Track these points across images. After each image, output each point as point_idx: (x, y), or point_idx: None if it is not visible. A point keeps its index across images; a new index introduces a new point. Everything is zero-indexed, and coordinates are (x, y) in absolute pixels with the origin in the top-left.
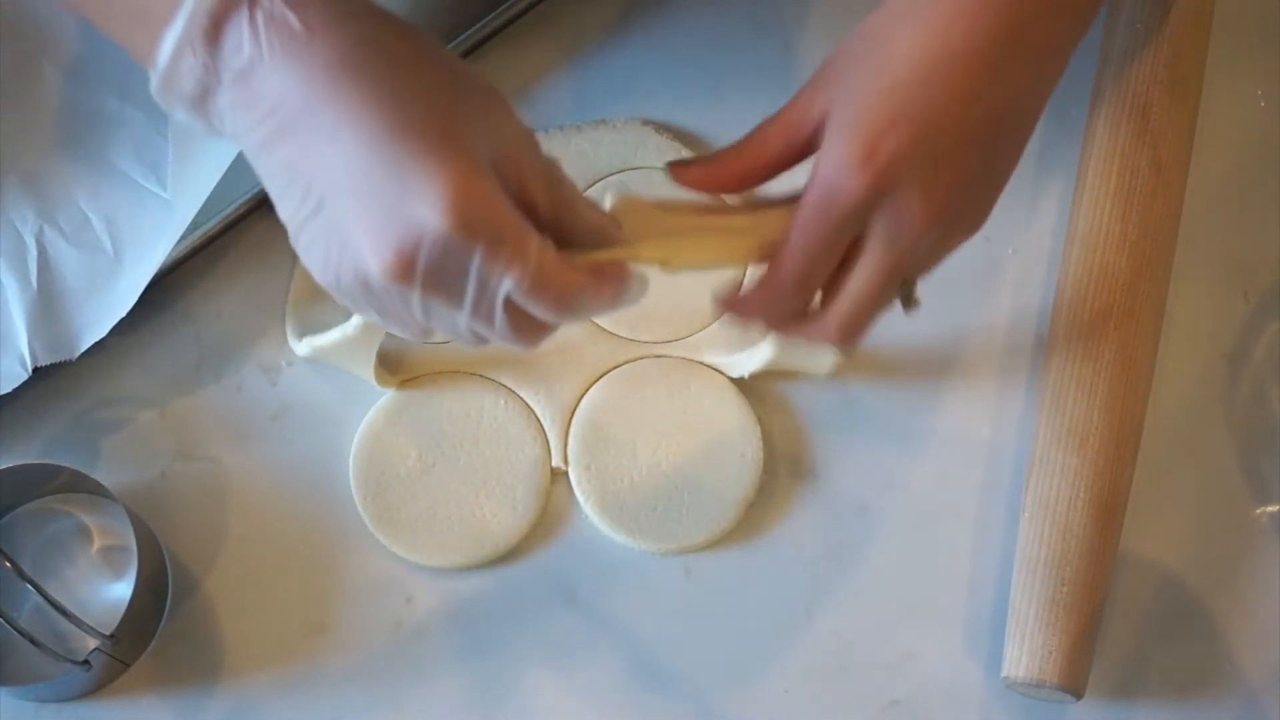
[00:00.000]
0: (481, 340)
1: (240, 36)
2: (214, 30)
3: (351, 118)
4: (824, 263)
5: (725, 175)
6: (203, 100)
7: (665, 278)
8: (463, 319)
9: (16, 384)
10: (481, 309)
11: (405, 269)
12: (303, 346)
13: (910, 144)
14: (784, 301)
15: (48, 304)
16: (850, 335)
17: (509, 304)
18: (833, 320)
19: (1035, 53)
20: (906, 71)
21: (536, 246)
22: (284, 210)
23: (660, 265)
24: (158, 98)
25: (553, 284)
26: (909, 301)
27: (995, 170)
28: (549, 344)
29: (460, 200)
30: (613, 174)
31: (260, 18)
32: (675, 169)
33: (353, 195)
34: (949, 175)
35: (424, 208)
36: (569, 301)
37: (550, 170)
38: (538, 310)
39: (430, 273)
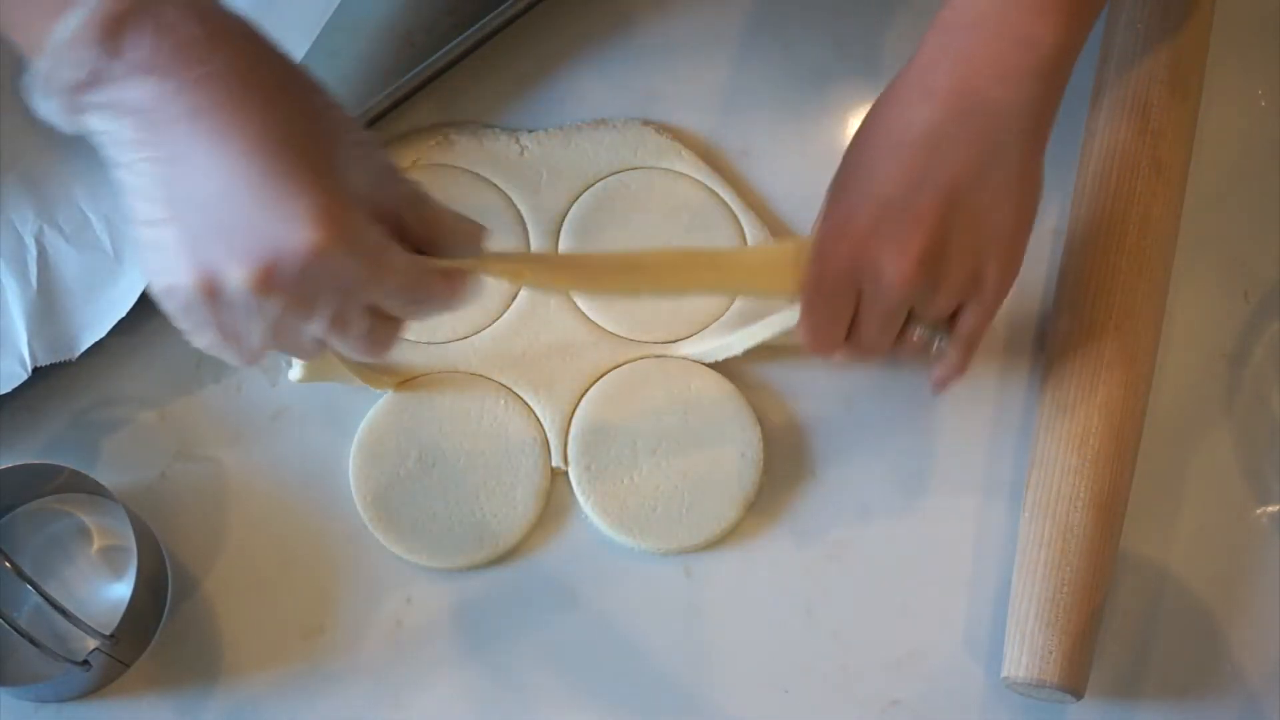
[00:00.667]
0: (316, 351)
1: (142, 36)
2: (117, 25)
3: (234, 133)
4: (831, 318)
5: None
6: (80, 92)
7: None
8: (316, 328)
9: (16, 384)
10: (339, 319)
11: (268, 280)
12: (294, 371)
13: (873, 219)
14: (812, 346)
15: (47, 304)
16: (865, 359)
17: (366, 312)
18: (852, 354)
19: (983, 122)
20: (868, 160)
21: (400, 261)
22: (137, 210)
23: (510, 279)
24: (34, 81)
25: (421, 293)
26: (940, 343)
27: (983, 231)
28: (533, 345)
29: (325, 220)
30: (613, 174)
31: (164, 22)
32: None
33: (222, 207)
34: (918, 241)
35: (288, 225)
36: (424, 305)
37: (415, 192)
38: (398, 311)
39: (292, 285)
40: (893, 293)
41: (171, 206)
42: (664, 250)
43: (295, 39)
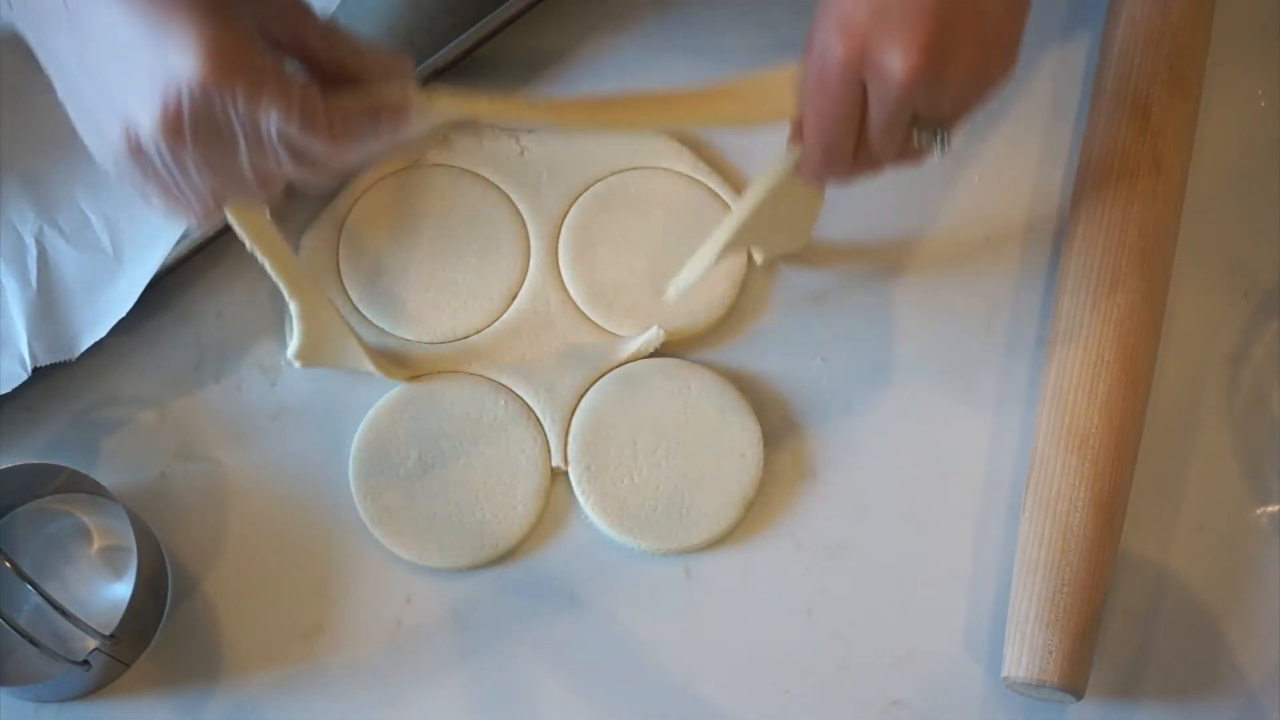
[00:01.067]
0: (273, 184)
1: None
2: None
3: None
4: (840, 123)
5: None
6: None
7: (664, 278)
8: (243, 159)
9: (16, 384)
10: (257, 148)
11: (173, 120)
12: (291, 347)
13: (874, 11)
14: (823, 163)
15: (47, 304)
16: (877, 167)
17: (287, 142)
18: (859, 168)
19: None
20: None
21: (297, 86)
22: (61, 92)
23: (458, 111)
24: None
25: (320, 118)
26: (943, 146)
27: (984, 17)
28: (535, 343)
29: (214, 48)
30: (613, 174)
31: None
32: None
33: (118, 59)
34: (924, 30)
35: (180, 57)
36: (344, 135)
37: (326, 25)
38: (314, 145)
39: (196, 120)
40: (900, 90)
41: (80, 78)
42: (647, 91)
43: None
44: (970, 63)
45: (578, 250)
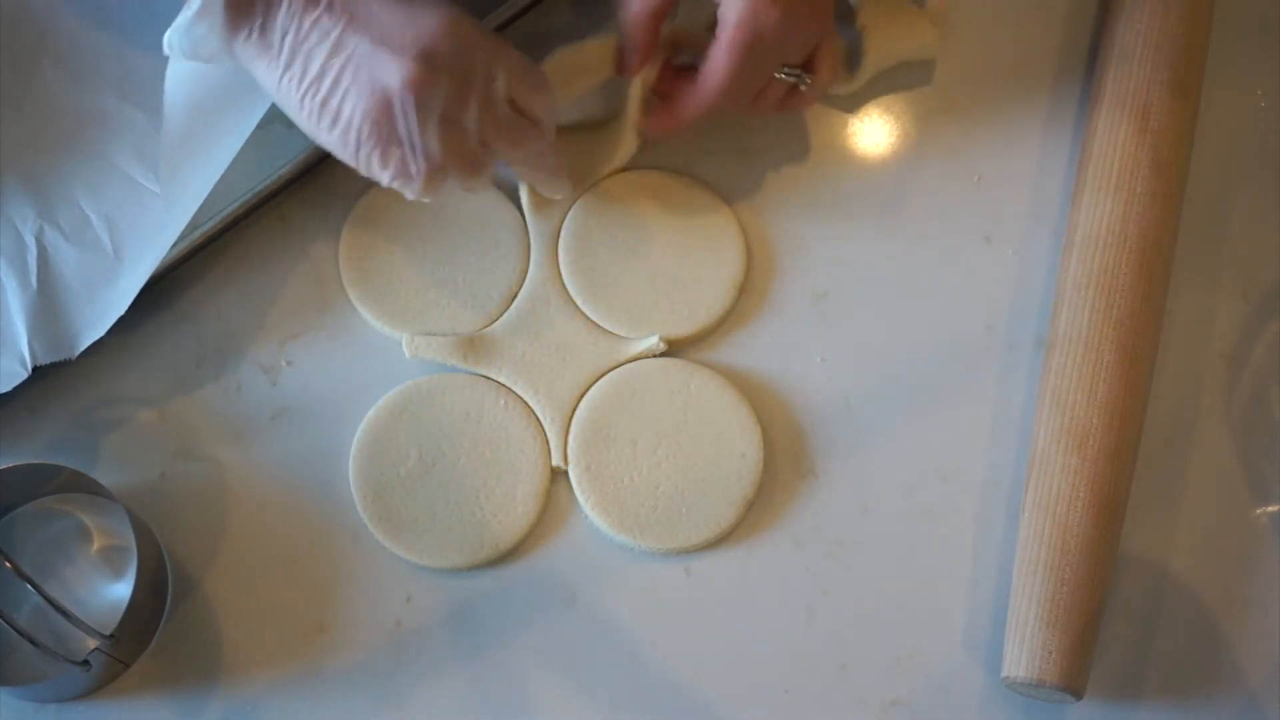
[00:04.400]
0: (483, 161)
1: None
2: None
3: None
4: (747, 80)
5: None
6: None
7: (664, 278)
8: (471, 121)
9: (16, 383)
10: (488, 110)
11: (421, 75)
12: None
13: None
14: (713, 109)
15: (47, 303)
16: (732, 79)
17: (512, 101)
18: (714, 71)
19: None
20: None
21: (513, 51)
22: (291, 97)
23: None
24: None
25: (543, 76)
26: (804, 81)
27: None
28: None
29: (454, 21)
30: (613, 174)
31: None
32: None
33: (373, 41)
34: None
35: (429, 24)
36: (563, 88)
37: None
38: (537, 101)
39: (439, 75)
40: (774, 38)
41: (337, 59)
42: None
43: None
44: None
45: (578, 250)
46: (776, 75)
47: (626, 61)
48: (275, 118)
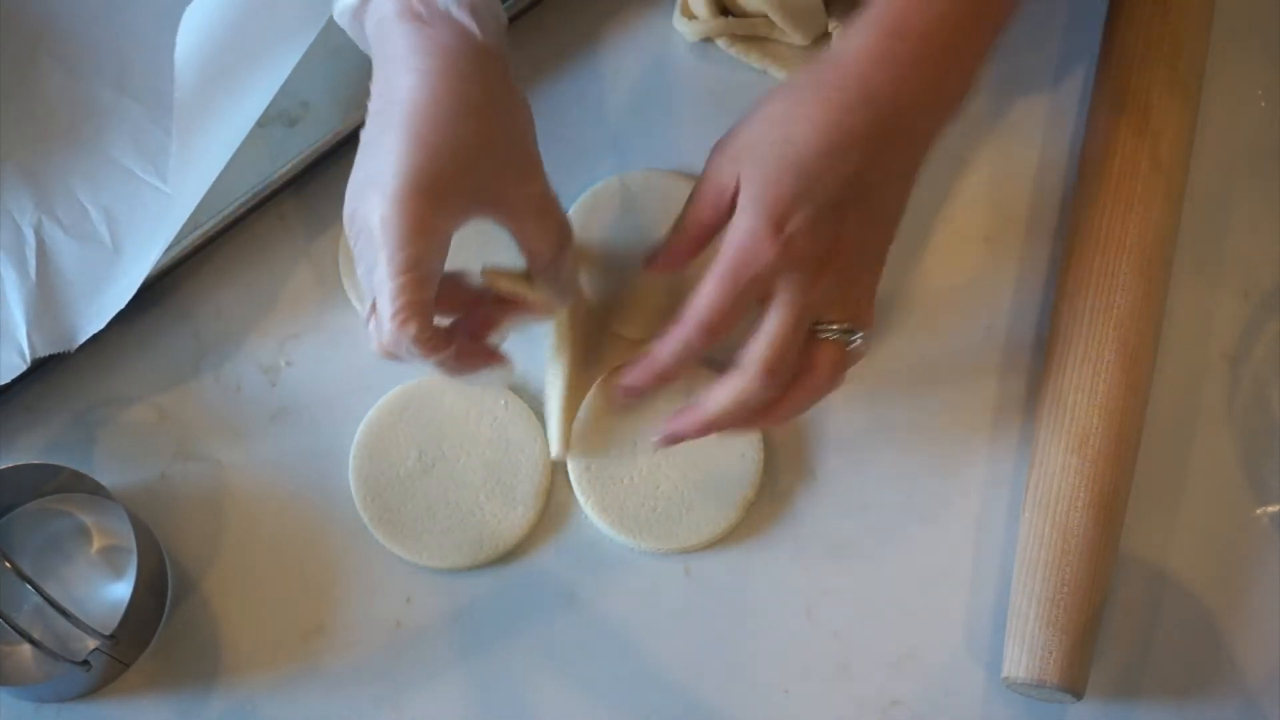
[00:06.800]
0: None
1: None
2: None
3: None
4: (733, 314)
5: (683, 253)
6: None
7: (664, 278)
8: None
9: (15, 375)
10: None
11: (348, 219)
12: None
13: (810, 221)
14: (694, 347)
15: (46, 295)
16: (771, 374)
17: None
18: (753, 364)
19: (911, 136)
20: (806, 158)
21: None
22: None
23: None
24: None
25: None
26: (852, 340)
27: (882, 219)
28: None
29: (401, 192)
30: (613, 174)
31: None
32: (651, 265)
33: (372, 171)
34: (844, 243)
35: (379, 186)
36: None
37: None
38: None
39: (353, 230)
40: (815, 290)
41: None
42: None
43: (296, 35)
44: (866, 266)
45: (577, 250)
46: (818, 333)
47: (663, 257)
48: (275, 117)
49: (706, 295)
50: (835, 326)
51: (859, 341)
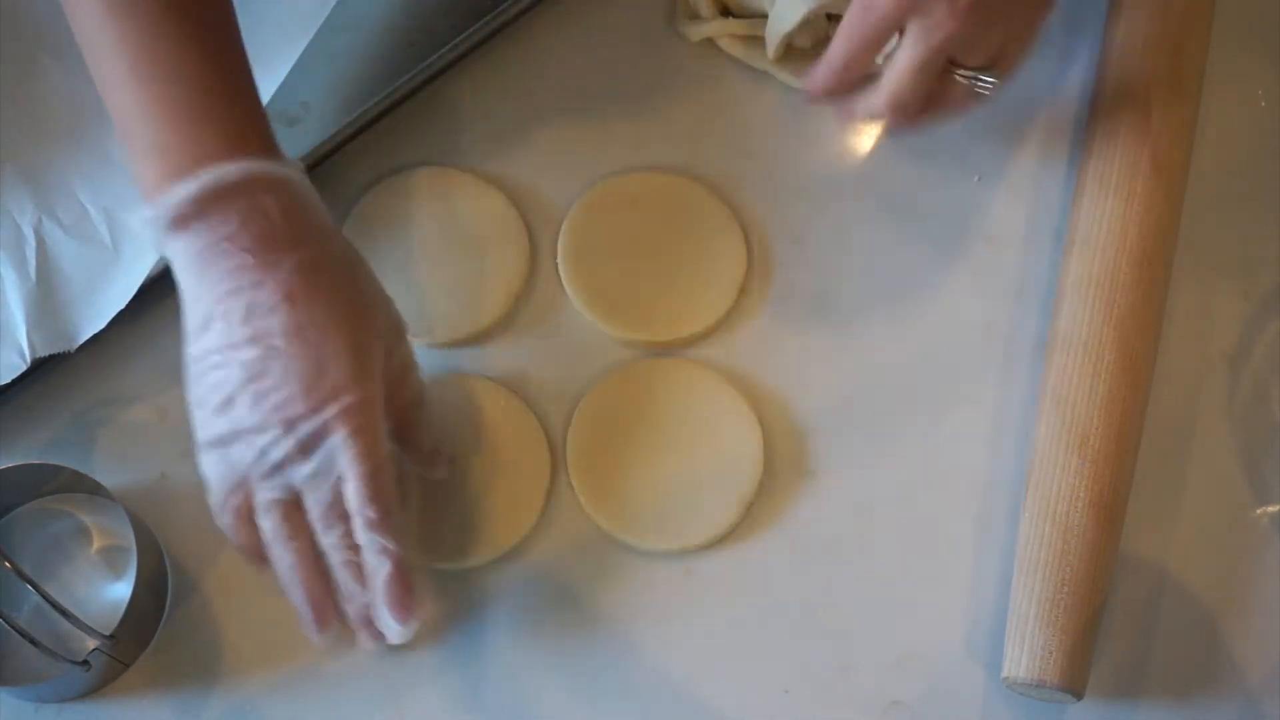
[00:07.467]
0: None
1: (228, 216)
2: (209, 203)
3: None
4: (864, 55)
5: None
6: (171, 232)
7: (664, 278)
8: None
9: (15, 375)
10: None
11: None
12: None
13: None
14: (836, 80)
15: (46, 295)
16: (897, 106)
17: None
18: (881, 94)
19: None
20: None
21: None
22: (210, 338)
23: None
24: (142, 212)
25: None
26: (981, 84)
27: None
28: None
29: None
30: (613, 174)
31: (256, 206)
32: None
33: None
34: None
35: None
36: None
37: (418, 396)
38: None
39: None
40: (944, 32)
41: (241, 340)
42: None
43: (292, 38)
44: (1008, 19)
45: (578, 250)
46: (956, 77)
47: (821, 79)
48: (274, 117)
49: (839, 38)
50: (966, 70)
51: (989, 87)
